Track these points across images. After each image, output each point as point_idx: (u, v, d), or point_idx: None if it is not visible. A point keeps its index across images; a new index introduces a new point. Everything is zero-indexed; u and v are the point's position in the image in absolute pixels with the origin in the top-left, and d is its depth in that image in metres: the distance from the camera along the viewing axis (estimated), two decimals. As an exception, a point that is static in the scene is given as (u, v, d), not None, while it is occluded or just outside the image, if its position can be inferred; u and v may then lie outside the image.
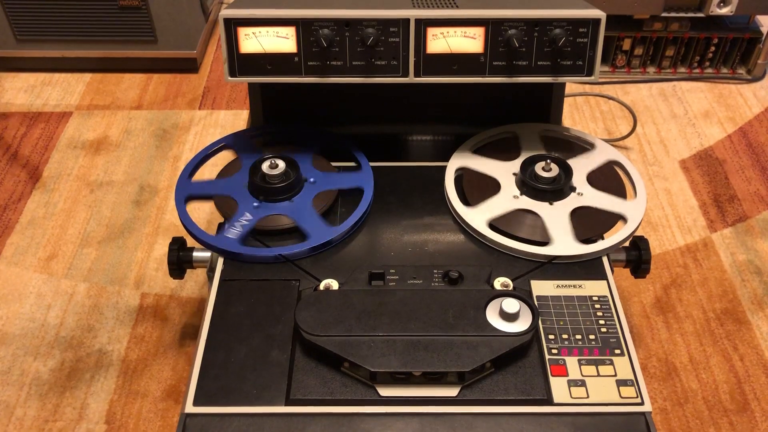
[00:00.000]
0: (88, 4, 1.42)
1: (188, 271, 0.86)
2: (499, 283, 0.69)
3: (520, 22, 0.75)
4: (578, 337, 0.65)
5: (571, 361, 0.63)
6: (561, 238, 0.74)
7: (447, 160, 0.85)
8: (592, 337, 0.65)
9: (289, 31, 0.75)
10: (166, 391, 0.92)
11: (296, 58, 0.77)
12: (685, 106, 1.46)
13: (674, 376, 0.94)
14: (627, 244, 0.78)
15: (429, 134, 0.94)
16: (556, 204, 0.79)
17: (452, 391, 0.61)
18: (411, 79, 0.78)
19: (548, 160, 0.80)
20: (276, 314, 0.67)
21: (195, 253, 0.78)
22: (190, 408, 0.60)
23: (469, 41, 0.76)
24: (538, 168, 0.80)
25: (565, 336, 0.65)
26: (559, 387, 0.61)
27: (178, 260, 0.78)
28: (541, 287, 0.70)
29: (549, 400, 0.60)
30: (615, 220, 0.78)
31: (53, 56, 1.51)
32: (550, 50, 0.77)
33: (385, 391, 0.61)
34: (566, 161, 0.82)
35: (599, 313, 0.68)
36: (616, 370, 0.63)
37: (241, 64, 0.77)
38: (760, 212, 1.19)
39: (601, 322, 0.67)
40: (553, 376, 0.62)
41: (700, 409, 0.90)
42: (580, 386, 0.61)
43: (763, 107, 1.45)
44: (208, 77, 1.54)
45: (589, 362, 0.63)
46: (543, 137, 0.89)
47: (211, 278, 0.74)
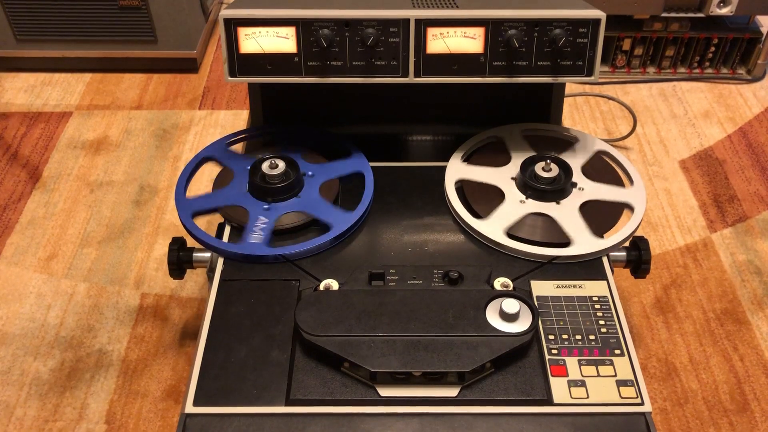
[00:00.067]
0: (88, 4, 1.42)
1: (188, 271, 0.86)
2: (499, 283, 0.69)
3: (520, 23, 0.75)
4: (578, 337, 0.65)
5: (571, 362, 0.63)
6: (579, 237, 0.75)
7: (447, 160, 0.85)
8: (592, 337, 0.65)
9: (289, 31, 0.75)
10: (166, 391, 0.92)
11: (296, 58, 0.77)
12: (685, 106, 1.46)
13: (674, 377, 0.94)
14: (627, 244, 0.78)
15: (429, 134, 0.94)
16: (562, 203, 0.79)
17: (452, 392, 0.61)
18: (411, 80, 0.78)
19: (548, 161, 0.80)
20: (276, 314, 0.67)
21: (195, 254, 0.78)
22: (190, 408, 0.60)
23: (469, 41, 0.76)
24: (539, 169, 0.80)
25: (565, 336, 0.65)
26: (559, 387, 0.61)
27: (178, 260, 0.78)
28: (541, 287, 0.70)
29: (549, 401, 0.61)
30: (621, 209, 0.80)
31: (53, 56, 1.51)
32: (550, 50, 0.77)
33: (385, 392, 0.61)
34: (563, 159, 0.82)
35: (599, 314, 0.68)
36: (616, 370, 0.63)
37: (241, 64, 0.77)
38: (760, 212, 1.19)
39: (601, 322, 0.67)
40: (553, 376, 0.62)
41: (700, 410, 0.90)
42: (580, 386, 0.61)
43: (763, 107, 1.45)
44: (208, 77, 1.54)
45: (589, 362, 0.63)
46: (526, 137, 0.89)
47: (211, 278, 0.74)
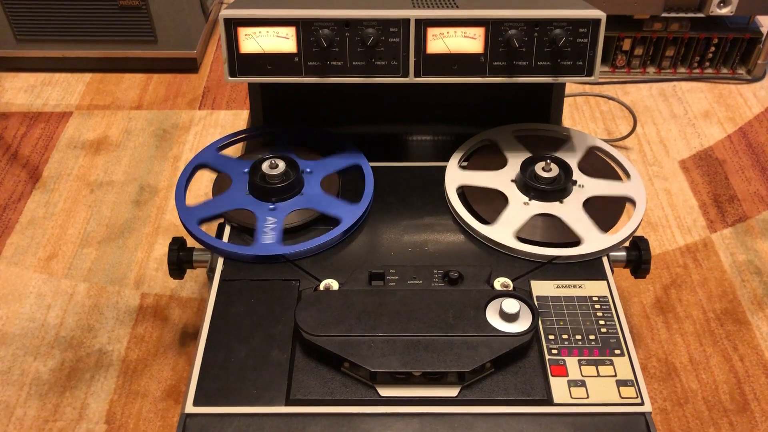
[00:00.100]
0: (88, 4, 1.42)
1: (188, 271, 0.86)
2: (499, 283, 0.69)
3: (520, 23, 0.75)
4: (578, 337, 0.65)
5: (571, 362, 0.63)
6: (588, 234, 0.75)
7: (447, 160, 0.85)
8: (592, 337, 0.65)
9: (289, 31, 0.75)
10: (166, 391, 0.92)
11: (296, 58, 0.77)
12: (685, 107, 1.46)
13: (674, 377, 0.94)
14: (627, 244, 0.78)
15: (429, 134, 0.94)
16: (565, 201, 0.79)
17: (452, 392, 0.61)
18: (411, 79, 0.78)
19: (548, 161, 0.80)
20: (276, 314, 0.67)
21: (195, 253, 0.78)
22: (190, 408, 0.60)
23: (469, 41, 0.76)
24: (539, 170, 0.80)
25: (565, 336, 0.65)
26: (559, 387, 0.61)
27: (178, 260, 0.78)
28: (541, 287, 0.70)
29: (549, 401, 0.60)
30: (623, 203, 0.80)
31: (53, 56, 1.51)
32: (550, 50, 0.77)
33: (385, 392, 0.61)
34: (560, 157, 0.82)
35: (599, 314, 0.68)
36: (616, 370, 0.63)
37: (241, 64, 0.77)
38: (760, 212, 1.19)
39: (601, 322, 0.67)
40: (553, 376, 0.62)
41: (700, 410, 0.90)
42: (580, 386, 0.61)
43: (763, 107, 1.45)
44: (208, 77, 1.54)
45: (589, 362, 0.63)
46: (518, 138, 0.89)
47: (211, 278, 0.74)
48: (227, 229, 0.77)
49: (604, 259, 0.74)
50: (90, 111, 1.43)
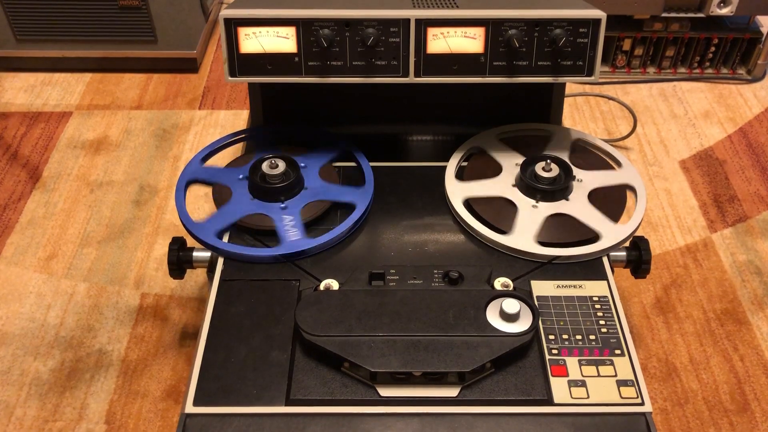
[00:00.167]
0: (88, 4, 1.42)
1: (188, 271, 0.86)
2: (500, 283, 0.69)
3: (520, 23, 0.75)
4: (578, 337, 0.65)
5: (572, 362, 0.63)
6: (605, 228, 0.75)
7: (447, 160, 0.85)
8: (593, 337, 0.65)
9: (289, 31, 0.75)
10: (166, 391, 0.92)
11: (296, 58, 0.77)
12: (685, 107, 1.46)
13: (674, 377, 0.94)
14: (627, 244, 0.78)
15: (429, 134, 0.94)
16: (571, 198, 0.79)
17: (452, 392, 0.61)
18: (411, 79, 0.78)
19: (547, 160, 0.80)
20: (276, 314, 0.67)
21: (195, 253, 0.78)
22: (190, 408, 0.60)
23: (469, 41, 0.76)
24: (541, 171, 0.79)
25: (565, 336, 0.65)
26: (559, 387, 0.61)
27: (178, 260, 0.78)
28: (542, 287, 0.70)
29: (549, 401, 0.60)
30: (624, 191, 0.81)
31: (53, 56, 1.51)
32: (551, 50, 0.77)
33: (385, 392, 0.61)
34: (556, 155, 0.82)
35: (599, 314, 0.68)
36: (617, 370, 0.63)
37: (241, 64, 0.77)
38: (760, 212, 1.19)
39: (602, 322, 0.67)
40: (553, 376, 0.62)
41: (701, 410, 0.90)
42: (581, 386, 0.61)
43: (763, 107, 1.45)
44: (208, 77, 1.54)
45: (590, 362, 0.63)
46: (503, 140, 0.89)
47: (211, 278, 0.74)
48: (227, 234, 0.77)
49: (604, 259, 0.74)
50: (90, 111, 1.43)
